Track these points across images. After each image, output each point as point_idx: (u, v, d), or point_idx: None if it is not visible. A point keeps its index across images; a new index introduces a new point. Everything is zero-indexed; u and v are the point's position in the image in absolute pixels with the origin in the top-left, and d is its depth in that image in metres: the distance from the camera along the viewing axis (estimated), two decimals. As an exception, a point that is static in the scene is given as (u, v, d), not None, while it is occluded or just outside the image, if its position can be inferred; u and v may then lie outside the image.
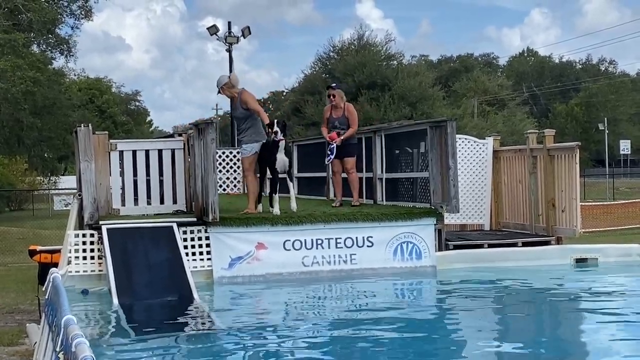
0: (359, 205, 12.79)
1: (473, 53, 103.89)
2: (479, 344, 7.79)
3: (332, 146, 12.79)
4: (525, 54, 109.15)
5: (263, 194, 12.45)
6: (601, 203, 33.02)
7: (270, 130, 11.58)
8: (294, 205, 11.88)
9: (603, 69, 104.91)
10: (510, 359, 7.32)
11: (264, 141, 11.87)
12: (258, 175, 12.44)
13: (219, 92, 12.27)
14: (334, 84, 13.71)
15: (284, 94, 79.06)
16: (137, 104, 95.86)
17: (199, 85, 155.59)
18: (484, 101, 74.03)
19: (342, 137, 12.76)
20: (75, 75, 66.51)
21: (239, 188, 17.59)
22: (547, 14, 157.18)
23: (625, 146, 58.05)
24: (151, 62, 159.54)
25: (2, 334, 10.91)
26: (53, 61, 45.65)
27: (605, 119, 73.89)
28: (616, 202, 33.03)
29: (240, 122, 12.29)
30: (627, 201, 32.62)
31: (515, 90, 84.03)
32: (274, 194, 11.70)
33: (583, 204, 31.21)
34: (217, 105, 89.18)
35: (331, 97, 13.00)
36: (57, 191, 48.49)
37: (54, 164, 65.01)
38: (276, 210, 11.55)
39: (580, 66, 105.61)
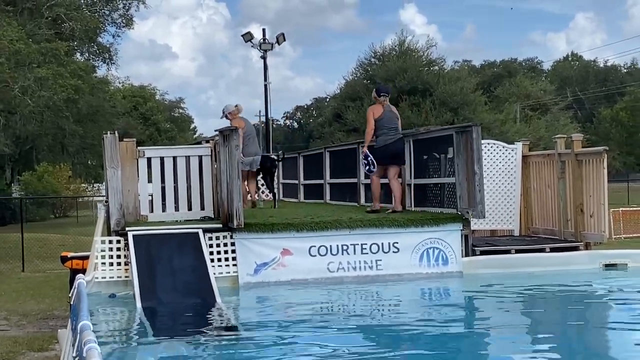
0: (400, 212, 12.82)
1: (517, 58, 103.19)
2: (508, 349, 7.77)
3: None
4: (570, 59, 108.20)
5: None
6: (643, 208, 32.61)
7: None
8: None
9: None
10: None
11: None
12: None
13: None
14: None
15: (327, 100, 79.17)
16: (181, 111, 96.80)
17: (243, 91, 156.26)
18: (527, 106, 73.46)
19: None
20: (119, 83, 67.60)
21: (266, 194, 17.62)
22: (592, 18, 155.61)
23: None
24: (196, 70, 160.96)
25: (34, 339, 11.13)
26: (96, 69, 46.32)
27: (651, 122, 73.01)
28: (659, 208, 32.59)
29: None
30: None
31: (559, 94, 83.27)
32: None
33: (624, 209, 30.99)
34: (259, 112, 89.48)
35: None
36: (100, 198, 48.94)
37: (97, 171, 65.84)
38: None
39: (625, 70, 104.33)
